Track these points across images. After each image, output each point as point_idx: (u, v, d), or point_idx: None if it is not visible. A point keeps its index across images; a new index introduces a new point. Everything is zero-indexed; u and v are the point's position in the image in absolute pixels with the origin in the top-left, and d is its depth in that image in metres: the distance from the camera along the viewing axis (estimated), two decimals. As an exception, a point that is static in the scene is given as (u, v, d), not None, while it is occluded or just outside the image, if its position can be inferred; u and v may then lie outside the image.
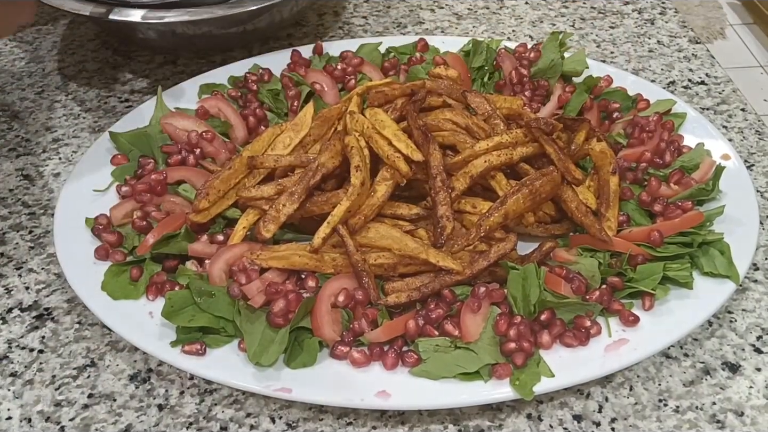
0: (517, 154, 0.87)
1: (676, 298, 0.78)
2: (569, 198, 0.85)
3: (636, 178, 0.92)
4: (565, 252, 0.83)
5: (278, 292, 0.77)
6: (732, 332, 0.81)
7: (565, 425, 0.72)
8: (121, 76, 1.21)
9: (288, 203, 0.82)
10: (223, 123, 1.00)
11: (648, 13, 1.35)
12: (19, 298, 0.85)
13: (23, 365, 0.78)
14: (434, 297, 0.78)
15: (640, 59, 1.23)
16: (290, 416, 0.73)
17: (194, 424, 0.73)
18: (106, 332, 0.81)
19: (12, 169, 1.03)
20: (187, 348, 0.74)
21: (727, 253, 0.80)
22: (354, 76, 1.07)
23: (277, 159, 0.87)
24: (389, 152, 0.83)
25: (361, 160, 0.82)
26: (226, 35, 1.16)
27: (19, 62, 1.24)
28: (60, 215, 0.87)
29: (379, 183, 0.83)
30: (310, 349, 0.74)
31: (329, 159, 0.84)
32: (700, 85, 1.17)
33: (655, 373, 0.77)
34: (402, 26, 1.31)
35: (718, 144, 0.95)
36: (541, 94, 1.05)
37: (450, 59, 1.08)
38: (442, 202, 0.82)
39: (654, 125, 0.97)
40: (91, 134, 1.09)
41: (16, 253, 0.91)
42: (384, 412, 0.73)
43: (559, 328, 0.75)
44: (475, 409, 0.73)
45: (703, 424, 0.72)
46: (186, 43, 1.19)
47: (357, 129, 0.86)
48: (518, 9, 1.37)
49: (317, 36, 1.29)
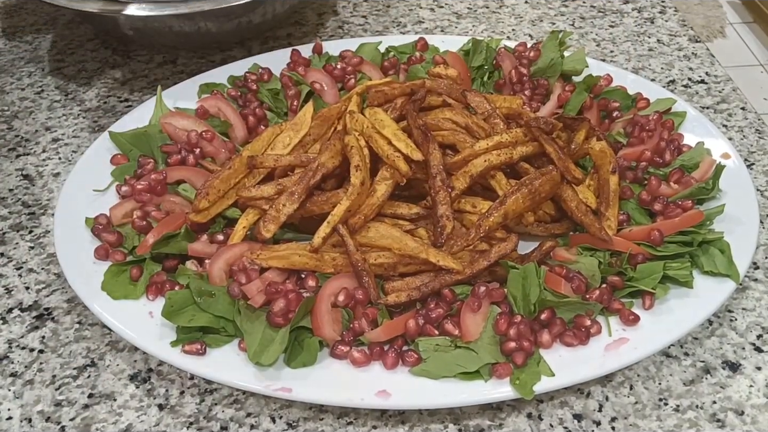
0: (517, 153, 0.87)
1: (676, 297, 0.78)
2: (569, 197, 0.85)
3: (636, 177, 0.92)
4: (565, 251, 0.83)
5: (278, 292, 0.76)
6: (732, 331, 0.81)
7: (565, 424, 0.72)
8: (121, 75, 1.21)
9: (288, 203, 0.82)
10: (222, 123, 1.00)
11: (648, 11, 1.35)
12: (20, 298, 0.85)
13: (23, 365, 0.78)
14: (434, 296, 0.78)
15: (639, 58, 1.23)
16: (290, 416, 0.73)
17: (194, 423, 0.73)
18: (106, 332, 0.81)
19: (12, 169, 1.03)
20: (187, 348, 0.74)
21: (727, 252, 0.80)
22: (353, 75, 1.07)
23: (276, 159, 0.87)
24: (389, 152, 0.83)
25: (361, 160, 0.82)
26: (222, 32, 1.16)
27: (18, 62, 1.24)
28: (60, 215, 0.87)
29: (378, 182, 0.83)
30: (310, 348, 0.74)
31: (329, 159, 0.84)
32: (700, 84, 1.17)
33: (655, 372, 0.77)
34: (402, 25, 1.31)
35: (718, 143, 0.95)
36: (541, 93, 1.05)
37: (450, 58, 1.08)
38: (442, 201, 0.82)
39: (654, 124, 0.97)
40: (90, 134, 1.09)
41: (16, 253, 0.91)
42: (384, 411, 0.73)
43: (559, 328, 0.75)
44: (476, 408, 0.73)
45: (704, 423, 0.72)
46: (183, 40, 1.18)
47: (357, 129, 0.86)
48: (518, 8, 1.37)
49: (317, 35, 1.29)
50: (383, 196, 0.83)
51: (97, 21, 1.21)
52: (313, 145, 0.93)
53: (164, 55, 1.24)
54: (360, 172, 0.81)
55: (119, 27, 1.14)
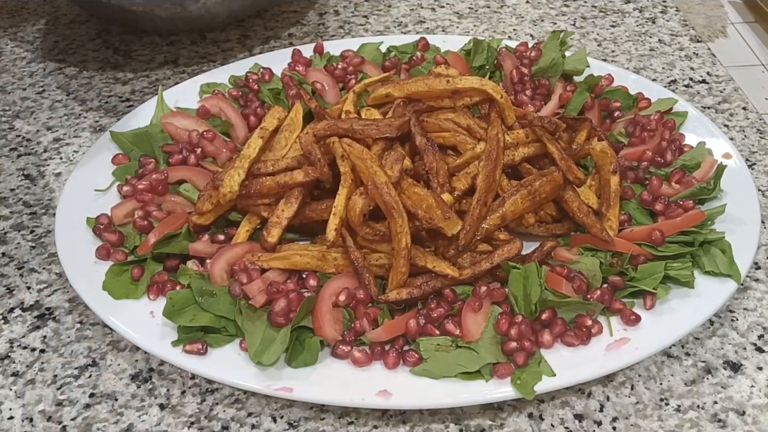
0: (519, 154, 0.87)
1: (678, 297, 0.78)
2: (570, 198, 0.85)
3: (637, 177, 0.92)
4: (566, 251, 0.83)
5: (279, 292, 0.77)
6: (733, 331, 0.81)
7: (566, 424, 0.72)
8: (122, 75, 1.21)
9: (286, 208, 0.83)
10: (223, 122, 1.00)
11: (649, 11, 1.35)
12: (21, 298, 0.86)
13: (25, 365, 0.78)
14: (435, 296, 0.78)
15: (641, 58, 1.23)
16: (291, 415, 0.73)
17: (195, 423, 0.73)
18: (107, 332, 0.81)
19: (13, 168, 1.03)
20: (188, 347, 0.74)
21: (729, 252, 0.80)
22: (355, 75, 1.07)
23: (274, 163, 0.87)
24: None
25: (344, 151, 0.82)
26: (218, 13, 1.17)
27: (20, 62, 1.24)
28: (61, 215, 0.87)
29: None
30: (311, 348, 0.74)
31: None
32: (701, 84, 1.17)
33: (656, 372, 0.77)
34: (403, 25, 1.31)
35: (719, 143, 0.95)
36: (542, 93, 1.05)
37: (451, 58, 1.08)
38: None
39: (655, 124, 0.97)
40: (92, 134, 1.09)
41: (18, 252, 0.91)
42: (385, 411, 0.73)
43: (561, 328, 0.75)
44: (477, 408, 0.73)
45: (705, 423, 0.72)
46: (180, 23, 1.20)
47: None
48: (519, 8, 1.37)
49: (318, 35, 1.29)
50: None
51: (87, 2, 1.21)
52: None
53: (165, 55, 1.24)
54: (347, 161, 0.81)
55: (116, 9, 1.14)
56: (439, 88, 0.89)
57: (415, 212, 0.79)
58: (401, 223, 0.77)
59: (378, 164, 0.79)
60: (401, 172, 0.80)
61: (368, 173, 0.79)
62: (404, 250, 0.77)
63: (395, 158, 0.81)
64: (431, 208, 0.78)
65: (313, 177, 0.83)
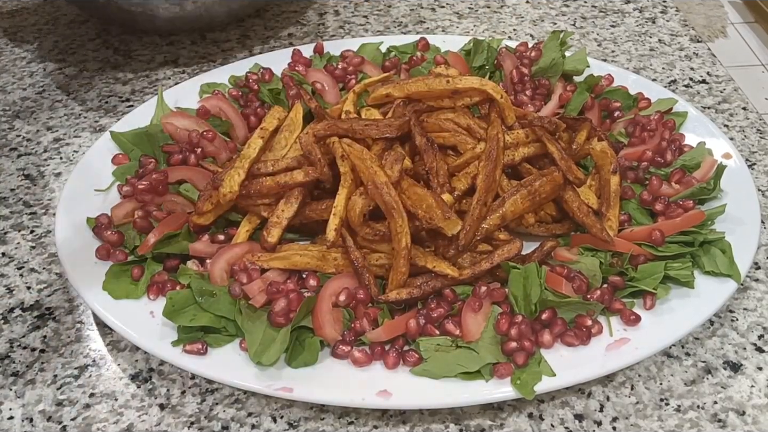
0: (519, 154, 0.87)
1: (678, 298, 0.78)
2: (570, 198, 0.85)
3: (637, 177, 0.92)
4: (566, 251, 0.83)
5: (279, 292, 0.77)
6: (733, 331, 0.81)
7: (566, 424, 0.72)
8: (122, 75, 1.21)
9: (286, 208, 0.83)
10: (224, 122, 1.00)
11: (649, 11, 1.35)
12: (21, 298, 0.86)
13: (25, 365, 0.78)
14: (435, 296, 0.78)
15: (641, 58, 1.23)
16: (291, 415, 0.73)
17: (195, 423, 0.73)
18: (107, 332, 0.81)
19: (13, 168, 1.03)
20: (188, 347, 0.74)
21: (729, 252, 0.80)
22: (355, 75, 1.07)
23: (274, 163, 0.87)
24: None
25: (344, 151, 0.82)
26: (218, 13, 1.16)
27: (20, 62, 1.24)
28: (61, 215, 0.87)
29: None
30: (311, 348, 0.74)
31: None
32: (701, 84, 1.17)
33: (656, 373, 0.77)
34: (403, 25, 1.31)
35: (719, 143, 0.95)
36: (542, 93, 1.05)
37: (451, 58, 1.08)
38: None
39: (655, 124, 0.97)
40: (92, 134, 1.09)
41: (18, 252, 0.91)
42: (385, 411, 0.73)
43: (561, 327, 0.75)
44: (477, 408, 0.73)
45: (705, 423, 0.72)
46: (180, 23, 1.19)
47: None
48: (519, 8, 1.37)
49: (318, 35, 1.29)
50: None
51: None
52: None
53: (165, 55, 1.24)
54: (347, 160, 0.81)
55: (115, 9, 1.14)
56: (439, 88, 0.89)
57: (415, 212, 0.79)
58: (401, 223, 0.77)
59: (378, 164, 0.80)
60: (401, 172, 0.80)
61: (368, 173, 0.79)
62: (404, 250, 0.77)
63: (395, 158, 0.81)
64: (431, 208, 0.78)
65: (313, 177, 0.83)
